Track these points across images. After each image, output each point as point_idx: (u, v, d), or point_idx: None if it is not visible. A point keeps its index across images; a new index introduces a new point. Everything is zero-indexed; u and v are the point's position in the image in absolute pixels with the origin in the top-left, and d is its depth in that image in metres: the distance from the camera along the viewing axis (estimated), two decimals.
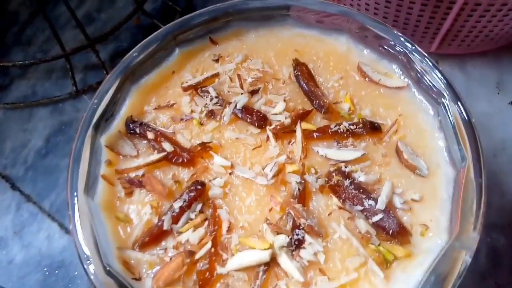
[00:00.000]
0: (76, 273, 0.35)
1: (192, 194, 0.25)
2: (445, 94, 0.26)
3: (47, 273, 0.35)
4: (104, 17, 0.49)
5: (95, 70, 0.45)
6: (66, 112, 0.43)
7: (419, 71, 0.27)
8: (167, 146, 0.27)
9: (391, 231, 0.23)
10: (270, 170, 0.25)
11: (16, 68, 0.45)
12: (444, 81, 0.26)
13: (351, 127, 0.27)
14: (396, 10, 0.38)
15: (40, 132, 0.42)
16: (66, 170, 0.38)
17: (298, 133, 0.27)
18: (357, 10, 0.30)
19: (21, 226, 0.37)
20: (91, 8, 0.50)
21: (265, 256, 0.23)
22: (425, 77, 0.27)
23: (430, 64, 0.27)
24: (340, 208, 0.25)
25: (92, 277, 0.22)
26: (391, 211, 0.24)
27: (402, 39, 0.28)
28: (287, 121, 0.27)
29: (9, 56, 0.46)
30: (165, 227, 0.24)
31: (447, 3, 0.35)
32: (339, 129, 0.27)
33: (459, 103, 0.26)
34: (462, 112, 0.25)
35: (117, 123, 0.28)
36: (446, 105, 0.26)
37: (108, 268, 0.22)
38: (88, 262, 0.22)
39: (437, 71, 0.27)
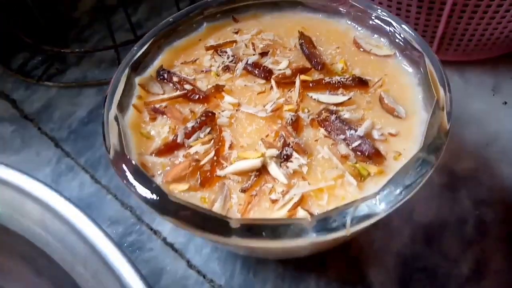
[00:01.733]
0: (99, 214, 0.40)
1: (203, 118, 0.30)
2: (423, 56, 0.31)
3: None
4: (151, 25, 0.58)
5: None
6: None
7: (403, 41, 0.33)
8: (188, 87, 0.32)
9: (367, 152, 0.27)
10: (270, 107, 0.30)
11: (73, 57, 0.54)
12: (424, 46, 0.31)
13: (342, 79, 0.32)
14: (396, 14, 0.44)
15: (85, 106, 0.49)
16: (101, 135, 0.45)
17: (297, 82, 0.32)
18: None
19: (58, 175, 0.43)
20: (141, 18, 0.59)
21: (257, 163, 0.27)
22: (408, 45, 0.32)
23: (412, 34, 0.32)
24: (325, 136, 0.29)
25: (118, 164, 0.27)
26: (368, 139, 0.28)
27: (389, 16, 0.33)
28: (288, 72, 0.32)
29: (69, 49, 0.55)
30: (178, 140, 0.29)
31: (439, 5, 0.40)
32: (332, 80, 0.32)
33: (436, 62, 0.30)
34: (436, 67, 0.30)
35: (150, 71, 0.34)
36: (424, 65, 0.30)
37: (129, 158, 0.27)
38: (115, 153, 0.27)
39: (417, 39, 0.32)
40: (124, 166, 0.26)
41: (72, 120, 0.48)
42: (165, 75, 0.33)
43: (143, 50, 0.33)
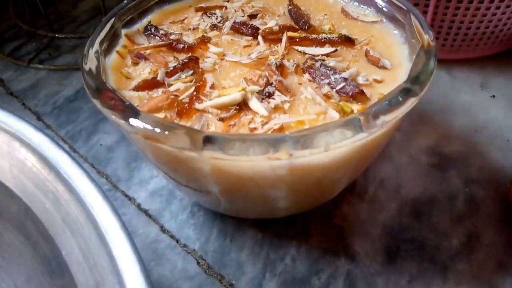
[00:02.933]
0: None
1: (186, 60, 0.30)
2: (409, 13, 0.31)
3: None
4: None
5: None
6: None
7: (389, 8, 0.33)
8: (173, 37, 0.32)
9: (351, 93, 0.27)
10: (255, 55, 0.30)
11: (67, 43, 0.54)
12: (409, 5, 0.32)
13: (329, 36, 0.32)
14: None
15: (73, 86, 0.48)
16: (88, 111, 0.44)
17: (284, 37, 0.32)
18: None
19: None
20: None
21: (237, 96, 0.26)
22: (394, 10, 0.33)
23: (398, 2, 0.33)
24: (309, 81, 0.28)
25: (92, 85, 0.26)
26: (352, 81, 0.28)
27: None
28: (276, 28, 0.32)
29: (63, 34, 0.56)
30: (158, 78, 0.28)
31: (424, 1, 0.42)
32: (318, 37, 0.32)
33: (419, 16, 0.30)
34: (421, 21, 0.30)
35: (138, 26, 0.34)
36: (409, 21, 0.31)
37: (105, 81, 0.26)
38: (90, 76, 0.26)
39: (403, 2, 0.32)
40: (98, 84, 0.25)
41: (58, 97, 0.47)
42: (152, 30, 0.33)
43: (133, 3, 0.34)
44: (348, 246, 0.32)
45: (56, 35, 0.52)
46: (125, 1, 0.34)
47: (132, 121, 0.23)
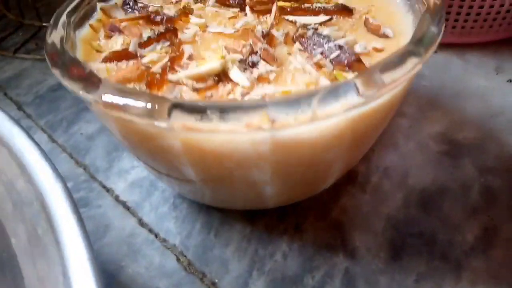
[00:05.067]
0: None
1: (163, 31, 0.26)
2: None
3: None
4: None
5: None
6: None
7: None
8: (152, 9, 0.29)
9: (346, 61, 0.23)
10: (240, 25, 0.27)
11: None
12: None
13: (325, 6, 0.28)
14: None
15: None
16: (70, 100, 0.41)
17: (274, 7, 0.28)
18: None
19: None
20: None
21: (216, 65, 0.23)
22: None
23: None
24: (300, 50, 0.25)
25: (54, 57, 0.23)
26: (349, 49, 0.24)
27: None
28: None
29: None
30: (130, 49, 0.25)
31: None
32: (312, 6, 0.28)
33: None
34: None
35: (115, 2, 0.31)
36: None
37: (68, 51, 0.23)
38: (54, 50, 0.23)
39: None
40: (61, 59, 0.22)
41: (41, 87, 0.44)
42: (131, 3, 0.30)
43: None
44: (348, 241, 0.28)
45: (43, 24, 0.50)
46: None
47: (91, 90, 0.20)
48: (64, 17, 0.26)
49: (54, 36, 0.25)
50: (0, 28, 0.53)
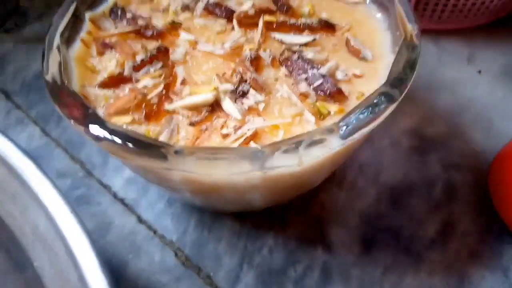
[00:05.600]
0: (47, 166, 0.37)
1: (155, 52, 0.28)
2: (393, 2, 0.29)
3: None
4: None
5: None
6: None
7: None
8: (141, 22, 0.30)
9: (328, 91, 0.25)
10: (229, 45, 0.28)
11: (35, 12, 0.51)
12: None
13: (308, 22, 0.30)
14: None
15: None
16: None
17: (260, 22, 0.30)
18: None
19: (6, 127, 0.40)
20: None
21: (209, 97, 0.25)
22: None
23: None
24: (286, 76, 0.27)
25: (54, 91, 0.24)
26: (331, 78, 0.26)
27: None
28: (252, 11, 0.30)
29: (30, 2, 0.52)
30: (125, 73, 0.27)
31: None
32: (297, 22, 0.30)
33: (406, 4, 0.28)
34: (405, 7, 0.28)
35: (103, 8, 0.31)
36: (393, 6, 0.29)
37: (68, 86, 0.24)
38: (52, 81, 0.24)
39: None
40: (61, 93, 0.24)
41: (27, 73, 0.45)
42: (119, 12, 0.31)
43: None
44: (325, 236, 0.32)
45: (20, 5, 0.48)
46: None
47: (96, 135, 0.22)
48: (58, 39, 0.27)
49: (52, 64, 0.26)
50: None
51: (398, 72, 0.24)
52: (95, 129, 0.22)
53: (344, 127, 0.22)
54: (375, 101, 0.22)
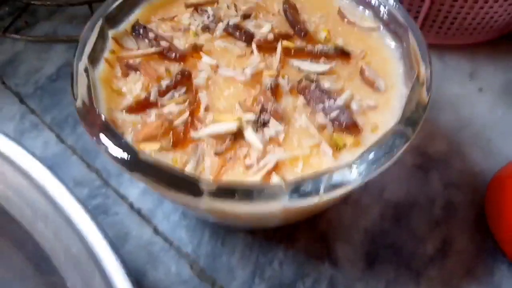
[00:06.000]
0: (63, 175, 0.38)
1: (179, 77, 0.29)
2: (408, 30, 0.30)
3: None
4: None
5: None
6: None
7: (387, 15, 0.32)
8: (164, 43, 0.31)
9: (344, 123, 0.27)
10: (249, 71, 0.29)
11: (44, 10, 0.51)
12: (408, 20, 0.31)
13: (325, 49, 0.31)
14: None
15: (54, 62, 0.46)
16: (70, 93, 0.43)
17: (278, 48, 0.31)
18: None
19: (21, 133, 0.41)
20: None
21: (232, 126, 0.26)
22: (392, 19, 0.32)
23: (398, 7, 0.32)
24: (304, 105, 0.28)
25: (85, 117, 0.25)
26: (347, 110, 0.28)
27: None
28: (271, 36, 0.31)
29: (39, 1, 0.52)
30: (151, 98, 0.28)
31: None
32: (314, 49, 0.31)
33: (419, 37, 0.30)
34: (419, 41, 0.29)
35: (125, 25, 0.32)
36: (407, 39, 0.30)
37: (99, 112, 0.25)
38: (83, 106, 0.26)
39: (402, 13, 0.31)
40: (92, 120, 0.25)
41: (40, 76, 0.45)
42: (141, 31, 0.32)
43: (119, 2, 0.31)
44: (332, 251, 0.34)
45: (32, 2, 0.48)
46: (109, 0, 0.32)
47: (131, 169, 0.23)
48: (85, 61, 0.28)
49: (80, 88, 0.27)
50: None
51: (411, 112, 0.25)
52: (130, 162, 0.23)
53: (363, 168, 0.23)
54: (390, 141, 0.24)
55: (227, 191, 0.22)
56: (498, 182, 0.35)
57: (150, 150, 0.26)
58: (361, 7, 0.34)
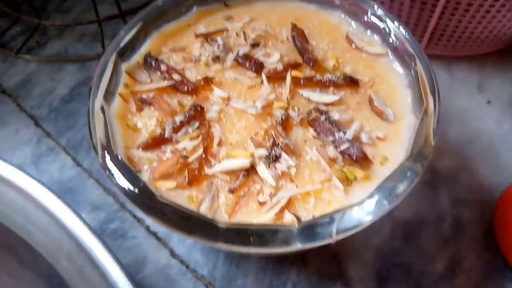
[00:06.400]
0: (81, 198, 0.39)
1: (192, 112, 0.29)
2: (415, 58, 0.31)
3: None
4: None
5: None
6: (91, 69, 0.48)
7: (396, 41, 0.32)
8: (176, 77, 0.32)
9: (354, 156, 0.28)
10: (260, 103, 0.30)
11: (54, 29, 0.52)
12: (416, 48, 0.31)
13: (333, 78, 0.31)
14: (389, 5, 0.43)
15: (66, 83, 0.47)
16: (84, 115, 0.44)
17: (288, 78, 0.31)
18: None
19: (38, 156, 0.42)
20: None
21: (246, 163, 0.27)
22: (400, 46, 0.32)
23: (406, 34, 0.32)
24: (314, 137, 0.29)
25: (104, 159, 0.26)
26: (356, 142, 0.28)
27: (384, 13, 0.33)
28: (280, 67, 0.32)
29: (49, 21, 0.53)
30: (166, 135, 0.29)
31: (433, 1, 0.40)
32: (323, 79, 0.31)
33: (426, 66, 0.30)
34: (427, 73, 0.30)
35: (137, 57, 0.33)
36: (415, 67, 0.30)
37: (116, 154, 0.26)
38: (101, 147, 0.27)
39: (410, 40, 0.32)
40: (111, 164, 0.26)
41: (53, 97, 0.46)
42: (153, 63, 0.32)
43: (130, 36, 0.32)
44: (344, 271, 0.35)
45: (42, 22, 0.49)
46: (121, 32, 0.32)
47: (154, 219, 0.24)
48: (100, 99, 0.29)
49: (97, 126, 0.28)
50: None
51: (420, 147, 0.26)
52: (149, 206, 0.24)
53: (374, 208, 0.24)
54: (400, 178, 0.25)
55: (243, 237, 0.23)
56: (506, 199, 0.36)
57: (166, 188, 0.27)
58: (369, 32, 0.34)
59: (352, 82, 0.31)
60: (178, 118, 0.29)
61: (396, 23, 0.32)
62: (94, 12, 0.49)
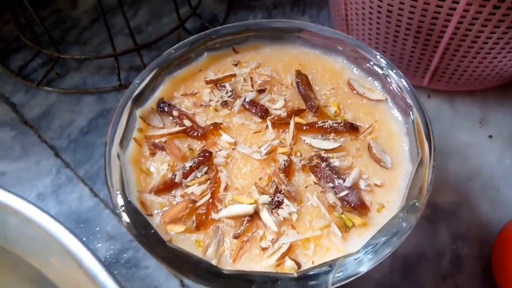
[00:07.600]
0: (97, 228, 0.41)
1: (201, 158, 0.32)
2: (413, 108, 0.32)
3: (74, 225, 0.42)
4: (151, 29, 0.58)
5: (137, 71, 0.53)
6: (108, 101, 0.51)
7: (395, 88, 0.34)
8: (187, 123, 0.34)
9: (353, 204, 0.29)
10: (265, 149, 0.32)
11: (73, 62, 0.55)
12: (414, 98, 0.33)
13: (334, 124, 0.33)
14: (392, 45, 0.45)
15: (85, 115, 0.50)
16: (101, 146, 0.46)
17: (291, 125, 0.33)
18: (355, 38, 0.37)
19: (58, 187, 0.44)
20: (141, 22, 0.59)
21: (250, 209, 0.29)
22: (399, 94, 0.34)
23: (405, 83, 0.34)
24: (315, 183, 0.31)
25: (118, 207, 0.28)
26: (355, 190, 0.30)
27: (384, 61, 0.35)
28: (284, 114, 0.34)
29: (68, 52, 0.56)
30: (176, 180, 0.31)
31: (434, 41, 0.42)
32: (324, 125, 0.33)
33: (423, 116, 0.32)
34: (424, 122, 0.31)
35: (151, 102, 0.35)
36: (413, 117, 0.32)
37: (129, 200, 0.29)
38: (117, 194, 0.29)
39: (409, 89, 0.33)
40: (125, 212, 0.28)
41: (72, 128, 0.49)
42: (166, 108, 0.35)
43: (144, 83, 0.34)
44: None
45: (62, 55, 0.52)
46: (136, 81, 0.35)
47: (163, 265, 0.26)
48: (117, 147, 0.31)
49: (114, 173, 0.30)
50: (15, 49, 0.56)
51: (414, 197, 0.28)
52: (159, 252, 0.26)
53: (369, 258, 0.26)
54: (393, 229, 0.26)
55: (244, 284, 0.25)
56: (504, 237, 0.37)
57: (176, 232, 0.29)
58: (370, 78, 0.36)
59: (352, 129, 0.33)
60: (188, 164, 0.31)
61: (395, 71, 0.34)
62: (111, 45, 0.51)
